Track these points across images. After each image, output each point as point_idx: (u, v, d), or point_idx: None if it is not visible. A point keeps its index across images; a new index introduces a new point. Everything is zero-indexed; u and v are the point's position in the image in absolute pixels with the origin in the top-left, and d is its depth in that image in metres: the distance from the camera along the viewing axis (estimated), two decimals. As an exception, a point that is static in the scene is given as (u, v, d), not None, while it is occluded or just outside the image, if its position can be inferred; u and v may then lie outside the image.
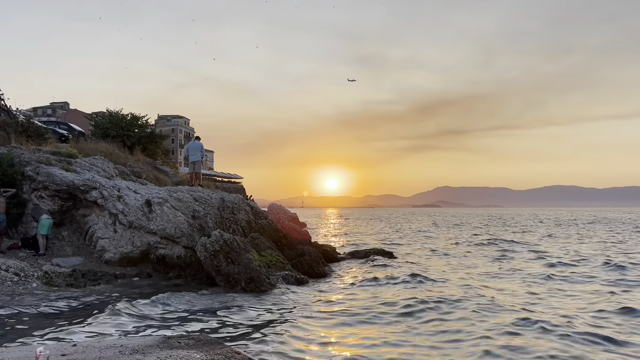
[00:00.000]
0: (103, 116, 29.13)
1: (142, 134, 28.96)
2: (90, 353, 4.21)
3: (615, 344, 7.88)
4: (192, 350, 4.31)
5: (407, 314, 10.19)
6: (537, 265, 18.38)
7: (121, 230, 15.38)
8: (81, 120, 51.18)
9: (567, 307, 10.89)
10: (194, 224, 15.00)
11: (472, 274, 16.38)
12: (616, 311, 10.32)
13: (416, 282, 14.29)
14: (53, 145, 20.73)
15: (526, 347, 7.64)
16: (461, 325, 9.12)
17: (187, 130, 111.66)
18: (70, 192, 15.82)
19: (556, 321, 9.26)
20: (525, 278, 15.25)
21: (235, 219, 16.08)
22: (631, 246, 26.25)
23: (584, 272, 16.45)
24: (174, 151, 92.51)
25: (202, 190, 16.91)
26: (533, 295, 12.47)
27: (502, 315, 9.86)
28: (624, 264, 18.13)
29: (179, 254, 14.66)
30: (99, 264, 14.79)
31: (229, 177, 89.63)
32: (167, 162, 32.28)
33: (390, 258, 20.60)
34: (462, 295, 12.05)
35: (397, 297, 12.05)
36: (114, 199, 15.61)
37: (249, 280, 12.41)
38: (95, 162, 18.38)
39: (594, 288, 13.48)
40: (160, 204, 15.26)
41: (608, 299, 11.83)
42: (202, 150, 19.85)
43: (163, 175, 24.61)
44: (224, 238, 13.46)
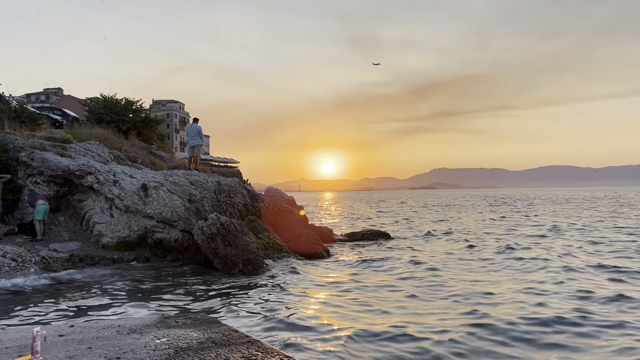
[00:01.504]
0: (97, 101, 28.90)
1: (137, 119, 28.79)
2: (88, 333, 4.23)
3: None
4: (189, 329, 4.33)
5: (407, 295, 10.26)
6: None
7: (118, 214, 15.38)
8: (75, 106, 50.80)
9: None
10: (190, 208, 15.00)
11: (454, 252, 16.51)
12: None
13: (412, 264, 14.37)
14: (47, 130, 20.59)
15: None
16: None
17: (182, 115, 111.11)
18: (65, 177, 15.77)
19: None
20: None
21: (231, 202, 16.07)
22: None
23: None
24: (169, 136, 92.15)
25: (198, 174, 16.88)
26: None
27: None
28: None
29: (177, 238, 14.68)
30: (96, 248, 14.81)
31: (225, 161, 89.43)
32: (162, 147, 32.17)
33: (387, 239, 20.70)
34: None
35: (392, 275, 12.15)
36: (110, 183, 15.57)
37: (247, 262, 12.46)
38: (90, 147, 18.28)
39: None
40: (157, 188, 15.24)
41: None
42: (201, 133, 19.73)
43: (159, 160, 24.54)
44: (221, 221, 13.48)
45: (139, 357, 3.48)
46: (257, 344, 3.97)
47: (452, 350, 6.46)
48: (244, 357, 3.54)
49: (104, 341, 3.96)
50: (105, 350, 3.66)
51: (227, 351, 3.69)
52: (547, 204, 56.87)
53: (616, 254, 15.38)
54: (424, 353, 6.38)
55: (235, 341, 3.99)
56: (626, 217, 31.34)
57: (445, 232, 23.73)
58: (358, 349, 6.53)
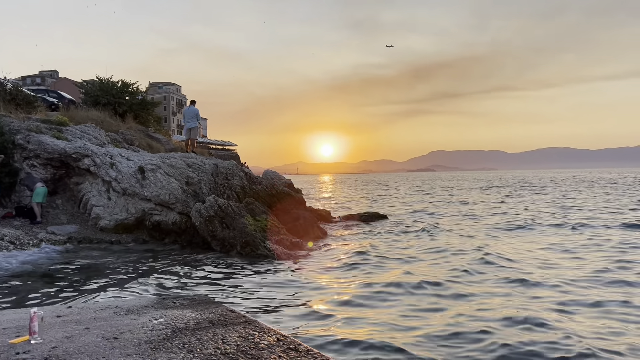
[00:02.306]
0: (93, 84, 28.68)
1: (133, 101, 28.62)
2: (86, 314, 4.25)
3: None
4: (186, 310, 4.35)
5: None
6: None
7: (115, 197, 15.36)
8: (71, 88, 50.42)
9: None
10: (188, 190, 14.98)
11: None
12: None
13: (406, 242, 14.44)
14: (43, 113, 20.46)
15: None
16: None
17: (178, 97, 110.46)
18: (62, 160, 15.71)
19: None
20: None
21: (229, 184, 16.05)
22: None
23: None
24: (166, 119, 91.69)
25: (195, 156, 16.83)
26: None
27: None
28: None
29: (174, 220, 14.69)
30: (94, 231, 14.82)
31: (222, 144, 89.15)
32: (159, 130, 32.04)
33: (384, 220, 20.76)
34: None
35: (390, 252, 12.21)
36: (107, 166, 15.52)
37: (245, 244, 12.48)
38: (86, 130, 18.19)
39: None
40: (154, 171, 15.20)
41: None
42: (198, 116, 19.54)
43: (156, 143, 24.46)
44: (219, 203, 13.48)
45: (136, 338, 3.50)
46: (254, 323, 4.00)
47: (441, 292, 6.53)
48: (241, 337, 3.57)
49: (101, 322, 3.98)
50: (102, 331, 3.68)
51: (224, 331, 3.72)
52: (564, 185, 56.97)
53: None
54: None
55: (232, 321, 4.02)
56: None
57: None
58: (356, 328, 6.58)
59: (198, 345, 3.36)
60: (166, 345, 3.33)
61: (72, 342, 3.40)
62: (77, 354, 3.15)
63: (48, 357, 3.10)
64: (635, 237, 14.84)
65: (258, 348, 3.32)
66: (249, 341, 3.48)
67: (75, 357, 3.10)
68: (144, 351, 3.21)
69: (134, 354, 3.16)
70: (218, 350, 3.26)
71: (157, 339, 3.47)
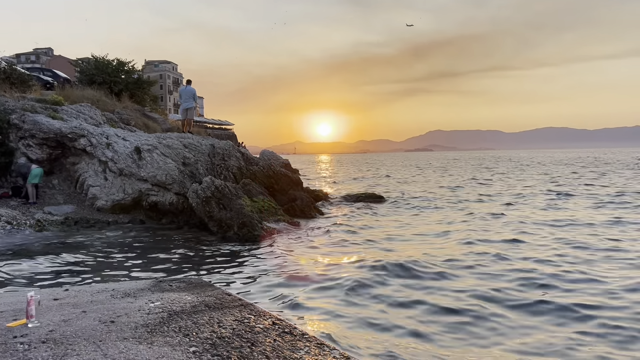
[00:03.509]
0: (89, 62, 28.39)
1: (129, 80, 28.37)
2: (83, 297, 4.28)
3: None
4: (183, 293, 4.38)
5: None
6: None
7: (112, 177, 15.34)
8: (66, 66, 49.89)
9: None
10: (184, 171, 14.97)
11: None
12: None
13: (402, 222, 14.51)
14: (38, 92, 20.28)
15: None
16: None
17: (175, 76, 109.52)
18: (58, 140, 15.65)
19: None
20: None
21: (226, 165, 16.04)
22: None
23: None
24: (162, 98, 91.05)
25: (192, 136, 16.78)
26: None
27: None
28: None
29: (171, 201, 14.71)
30: (91, 211, 14.84)
31: (219, 123, 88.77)
32: (155, 109, 31.83)
33: (381, 201, 20.82)
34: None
35: (384, 233, 12.28)
36: (103, 146, 15.47)
37: (242, 225, 12.52)
38: (82, 110, 18.08)
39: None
40: (150, 151, 15.16)
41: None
42: (195, 96, 19.37)
43: (152, 122, 24.33)
44: (216, 184, 13.47)
45: (133, 321, 3.53)
46: (249, 307, 4.03)
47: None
48: (237, 320, 3.60)
49: (98, 305, 4.01)
50: (99, 314, 3.71)
51: (220, 314, 3.75)
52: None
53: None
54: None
55: (228, 304, 4.05)
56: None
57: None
58: (349, 310, 6.65)
59: (194, 329, 3.39)
60: (162, 329, 3.37)
61: (69, 326, 3.43)
62: (74, 338, 3.18)
63: (45, 340, 3.12)
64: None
65: (253, 332, 3.36)
66: (244, 325, 3.52)
67: (72, 340, 3.13)
68: (140, 335, 3.24)
69: (130, 337, 3.19)
70: (214, 334, 3.29)
71: (153, 323, 3.50)
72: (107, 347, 3.01)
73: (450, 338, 5.70)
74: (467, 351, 5.36)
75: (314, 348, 3.11)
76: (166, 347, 3.03)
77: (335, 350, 3.08)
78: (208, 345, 3.08)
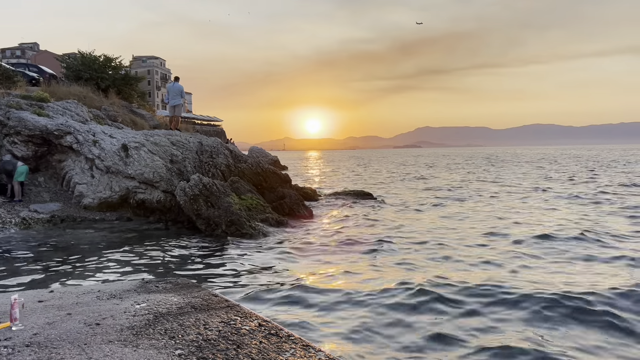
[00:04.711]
0: (75, 58, 28.14)
1: (116, 76, 28.17)
2: (68, 299, 4.25)
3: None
4: (169, 294, 4.37)
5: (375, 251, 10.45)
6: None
7: (99, 175, 15.23)
8: (52, 62, 49.35)
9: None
10: (172, 169, 14.90)
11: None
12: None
13: (391, 222, 14.57)
14: (23, 88, 20.06)
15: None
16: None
17: (163, 71, 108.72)
18: (44, 137, 15.49)
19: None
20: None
21: (214, 162, 15.99)
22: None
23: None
24: (150, 94, 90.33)
25: (179, 134, 16.69)
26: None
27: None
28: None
29: (159, 199, 14.64)
30: (77, 209, 14.72)
31: (208, 119, 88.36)
32: (143, 105, 31.63)
33: (370, 199, 20.87)
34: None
35: (372, 231, 12.33)
36: (90, 143, 15.34)
37: (230, 223, 12.49)
38: (68, 106, 17.90)
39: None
40: (137, 149, 15.06)
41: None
42: (183, 92, 19.27)
43: (140, 119, 24.19)
44: (203, 182, 13.43)
45: (118, 323, 3.52)
46: (236, 308, 4.03)
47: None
48: (223, 322, 3.60)
49: (83, 307, 3.98)
50: (84, 317, 3.69)
51: (207, 316, 3.75)
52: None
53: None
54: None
55: (214, 306, 4.05)
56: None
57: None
58: (339, 314, 6.67)
59: (180, 331, 3.39)
60: (148, 332, 3.36)
61: (54, 329, 3.41)
62: (59, 341, 3.17)
63: (29, 344, 3.11)
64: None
65: (240, 334, 3.37)
66: (230, 327, 3.52)
67: (57, 344, 3.12)
68: (125, 337, 3.24)
69: (115, 340, 3.18)
70: (200, 336, 3.29)
71: (139, 325, 3.49)
72: (92, 351, 3.00)
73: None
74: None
75: (299, 350, 3.12)
76: (152, 350, 3.03)
77: (321, 352, 3.09)
78: (194, 347, 3.08)
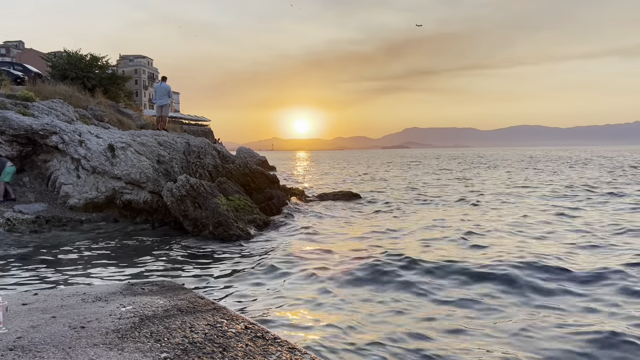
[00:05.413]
0: (61, 57, 27.88)
1: (103, 76, 27.97)
2: (52, 301, 4.22)
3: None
4: (155, 297, 4.36)
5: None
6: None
7: (85, 175, 15.10)
8: (37, 61, 48.80)
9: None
10: (159, 169, 14.82)
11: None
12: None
13: (380, 220, 14.63)
14: (7, 87, 19.83)
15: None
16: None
17: (150, 70, 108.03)
18: (29, 137, 15.32)
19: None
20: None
21: (201, 163, 15.93)
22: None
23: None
24: (137, 93, 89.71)
25: (166, 134, 16.60)
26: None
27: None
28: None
29: (145, 199, 14.55)
30: (63, 209, 14.58)
31: (196, 119, 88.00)
32: (130, 105, 31.42)
33: (358, 199, 20.94)
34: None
35: (360, 231, 12.37)
36: (76, 143, 15.21)
37: (217, 224, 12.46)
38: (54, 106, 17.74)
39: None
40: (124, 149, 14.96)
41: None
42: (170, 92, 19.15)
43: (126, 119, 24.03)
44: (191, 183, 13.37)
45: (103, 327, 3.50)
46: (222, 310, 4.03)
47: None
48: (209, 325, 3.60)
49: (68, 310, 3.96)
50: (69, 320, 3.67)
51: (193, 318, 3.75)
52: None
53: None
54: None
55: (200, 308, 4.04)
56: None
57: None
58: (324, 312, 6.69)
59: (166, 334, 3.39)
60: (134, 335, 3.35)
61: (38, 332, 3.38)
62: (43, 345, 3.15)
63: (13, 347, 3.08)
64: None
65: (226, 336, 3.37)
66: (216, 329, 3.52)
67: (41, 347, 3.10)
68: (111, 341, 3.22)
69: (100, 343, 3.17)
70: (186, 339, 3.29)
71: (124, 328, 3.48)
72: (76, 354, 2.99)
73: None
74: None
75: (285, 352, 3.14)
76: (137, 353, 3.03)
77: (307, 354, 3.11)
78: (179, 351, 3.08)
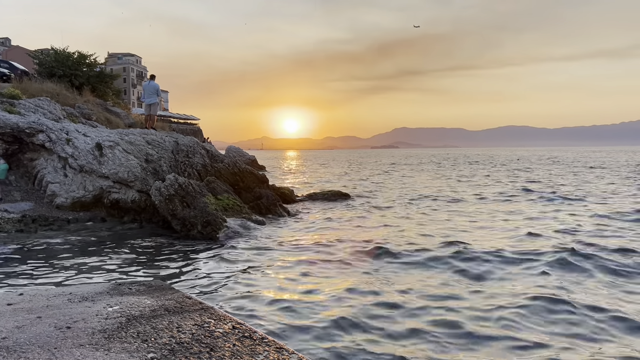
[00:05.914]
0: (48, 54, 27.61)
1: (91, 73, 27.75)
2: (38, 301, 4.18)
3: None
4: (142, 297, 4.34)
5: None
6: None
7: (72, 174, 14.97)
8: (24, 58, 48.25)
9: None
10: (147, 168, 14.74)
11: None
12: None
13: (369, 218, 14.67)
14: (-7, 85, 19.60)
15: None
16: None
17: (139, 69, 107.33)
18: (15, 135, 15.16)
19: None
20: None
21: (190, 162, 15.87)
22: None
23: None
24: (125, 91, 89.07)
25: (155, 133, 16.52)
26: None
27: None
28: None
29: (133, 198, 14.46)
30: (50, 209, 14.45)
31: (185, 118, 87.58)
32: (118, 103, 31.20)
33: (347, 199, 20.98)
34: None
35: (348, 231, 12.40)
36: (63, 142, 15.07)
37: (206, 224, 12.42)
38: (40, 104, 17.56)
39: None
40: (112, 148, 14.86)
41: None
42: (159, 91, 19.03)
43: (114, 117, 23.86)
44: (179, 182, 13.32)
45: (90, 327, 3.48)
46: (210, 310, 4.02)
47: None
48: (197, 325, 3.59)
49: (54, 310, 3.92)
50: (55, 320, 3.64)
51: (180, 318, 3.73)
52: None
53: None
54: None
55: (188, 308, 4.03)
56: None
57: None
58: (310, 312, 6.70)
59: (153, 334, 3.37)
60: (120, 335, 3.33)
61: (23, 333, 3.35)
62: (28, 345, 3.12)
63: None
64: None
65: (213, 336, 3.36)
66: (204, 329, 3.51)
67: (26, 348, 3.07)
68: (97, 341, 3.20)
69: (87, 344, 3.15)
70: (173, 339, 3.28)
71: (111, 328, 3.46)
72: (62, 355, 2.96)
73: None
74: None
75: (273, 352, 3.13)
76: (123, 353, 3.01)
77: (295, 354, 3.11)
78: (166, 351, 3.07)
